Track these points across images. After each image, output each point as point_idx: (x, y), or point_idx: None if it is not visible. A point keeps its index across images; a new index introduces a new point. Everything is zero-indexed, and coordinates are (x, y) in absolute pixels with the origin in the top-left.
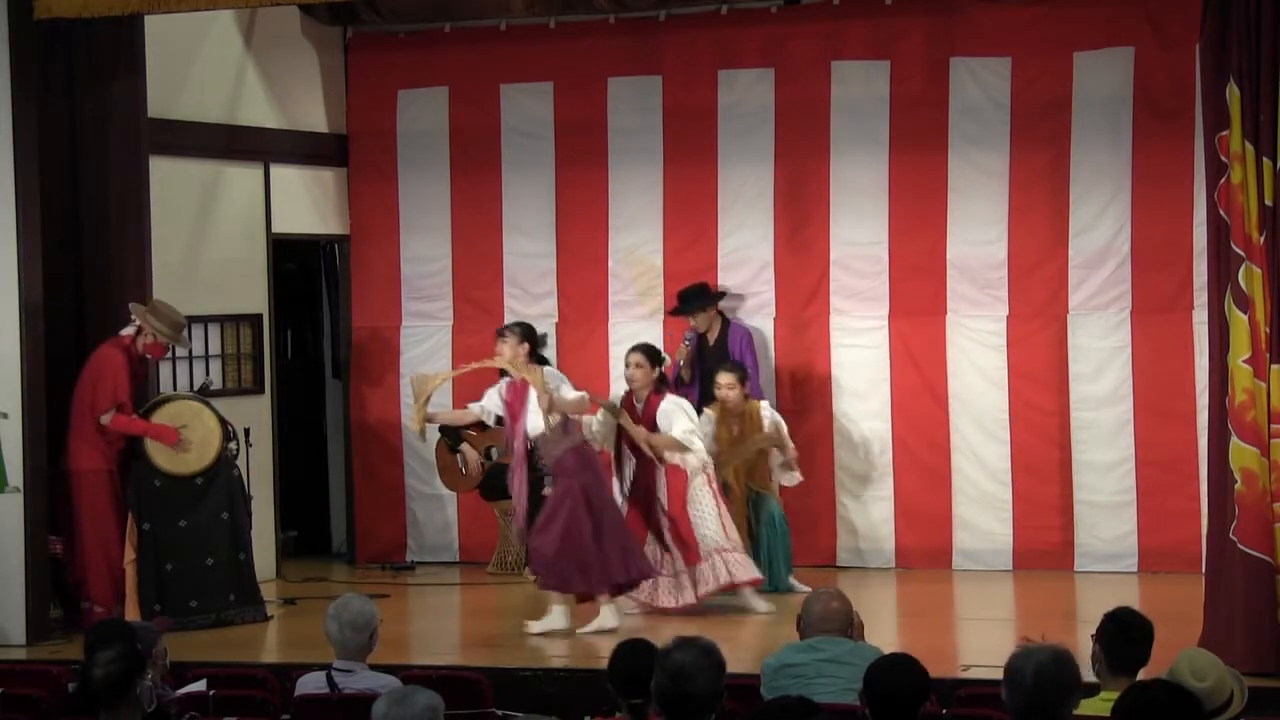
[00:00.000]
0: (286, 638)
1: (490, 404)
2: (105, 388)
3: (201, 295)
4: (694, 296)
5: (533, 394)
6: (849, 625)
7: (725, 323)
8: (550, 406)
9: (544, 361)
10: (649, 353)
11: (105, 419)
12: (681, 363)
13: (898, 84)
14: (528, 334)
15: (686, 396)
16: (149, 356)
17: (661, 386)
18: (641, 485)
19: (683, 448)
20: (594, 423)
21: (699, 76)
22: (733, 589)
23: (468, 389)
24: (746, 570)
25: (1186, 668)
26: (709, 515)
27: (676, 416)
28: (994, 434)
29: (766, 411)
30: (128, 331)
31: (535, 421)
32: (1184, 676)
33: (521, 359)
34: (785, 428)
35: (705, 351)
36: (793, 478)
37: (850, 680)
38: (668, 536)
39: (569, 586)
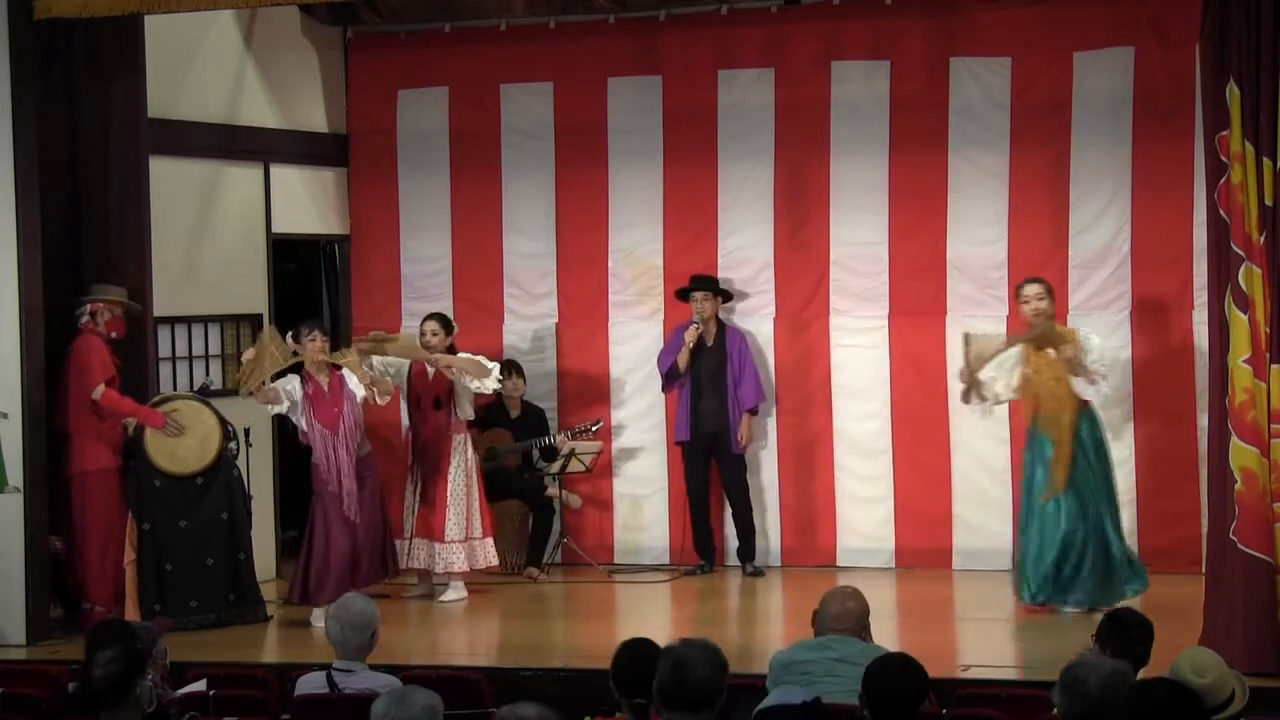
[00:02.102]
0: (286, 638)
1: (288, 386)
2: (94, 367)
3: (201, 295)
4: (704, 280)
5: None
6: (863, 627)
7: (722, 326)
8: (371, 383)
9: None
10: (442, 320)
11: (97, 394)
12: (690, 345)
13: (898, 84)
14: (328, 330)
15: (677, 389)
16: (114, 335)
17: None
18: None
19: (482, 368)
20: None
21: (699, 76)
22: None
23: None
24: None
25: (1188, 665)
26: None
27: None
28: (994, 434)
29: (1093, 339)
30: (85, 321)
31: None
32: (1185, 673)
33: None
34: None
35: (702, 353)
36: (1095, 391)
37: (858, 681)
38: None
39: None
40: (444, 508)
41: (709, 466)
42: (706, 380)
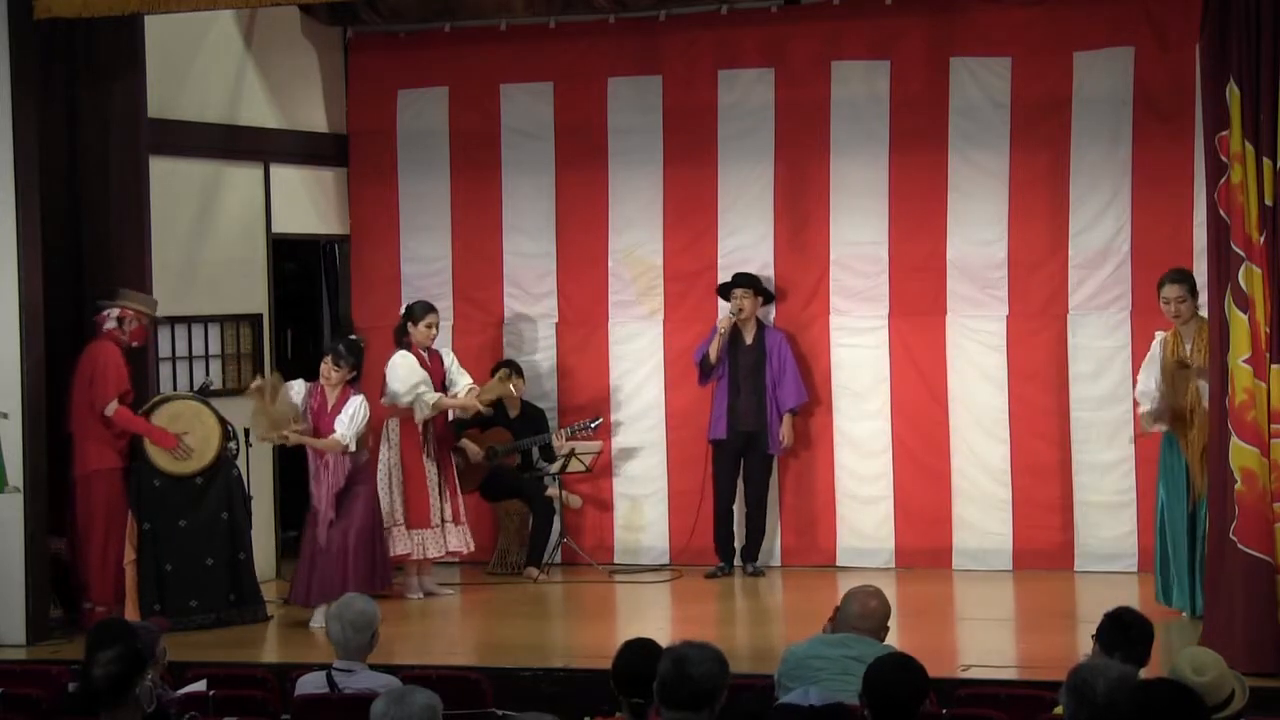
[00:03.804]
0: (286, 638)
1: (296, 395)
2: (108, 379)
3: (201, 295)
4: (744, 277)
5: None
6: (883, 628)
7: (761, 325)
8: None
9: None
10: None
11: (110, 410)
12: (724, 332)
13: (898, 84)
14: (351, 363)
15: (714, 381)
16: (134, 344)
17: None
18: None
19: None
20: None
21: (699, 76)
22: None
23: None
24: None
25: (1187, 664)
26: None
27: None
28: (994, 434)
29: None
30: (111, 326)
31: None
32: (1184, 672)
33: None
34: None
35: (740, 351)
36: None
37: None
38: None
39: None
40: (457, 491)
41: (738, 466)
42: (744, 379)
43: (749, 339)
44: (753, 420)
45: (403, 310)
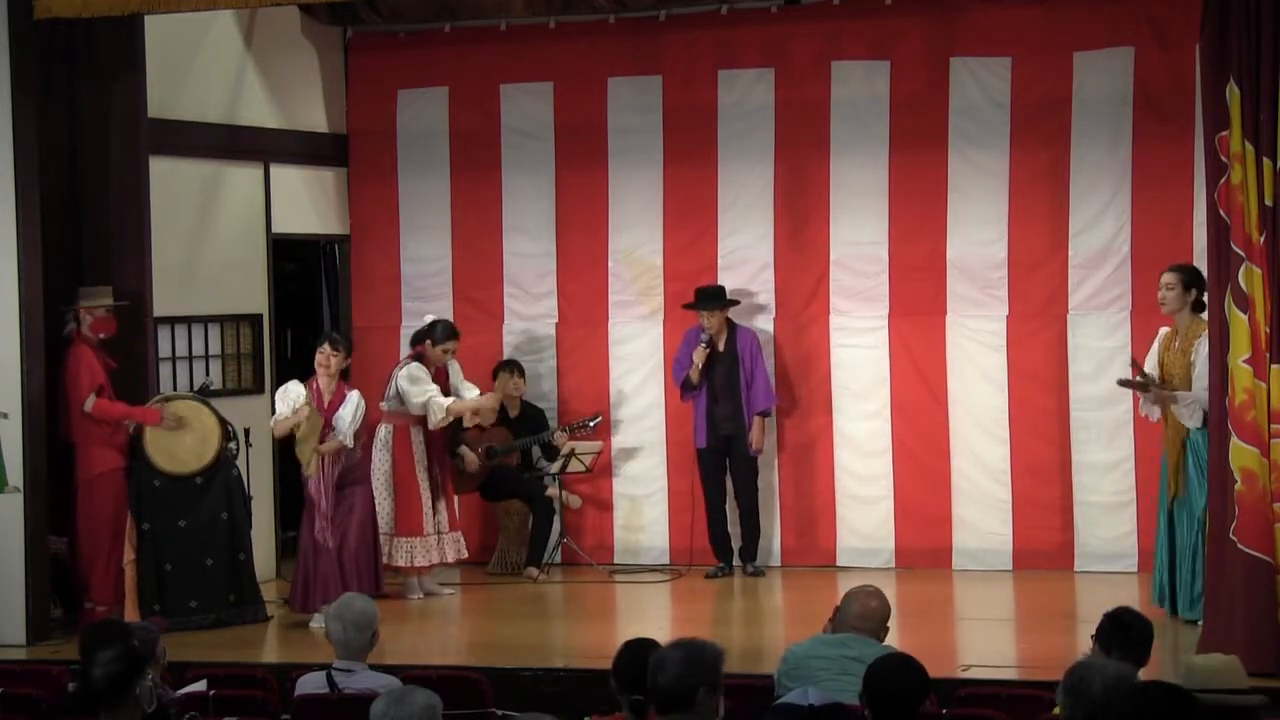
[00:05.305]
0: (286, 638)
1: (295, 398)
2: (80, 379)
3: (201, 295)
4: (710, 296)
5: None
6: (883, 628)
7: (732, 327)
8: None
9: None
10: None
11: (88, 405)
12: (700, 364)
13: (898, 84)
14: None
15: (694, 400)
16: (102, 336)
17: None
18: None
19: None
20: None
21: (699, 76)
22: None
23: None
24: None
25: (1199, 657)
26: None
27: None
28: (994, 434)
29: (1201, 350)
30: (71, 328)
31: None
32: (1195, 663)
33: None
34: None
35: (714, 357)
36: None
37: None
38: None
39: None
40: (452, 497)
41: (725, 470)
42: (721, 386)
43: (721, 345)
44: (731, 424)
45: (427, 322)
